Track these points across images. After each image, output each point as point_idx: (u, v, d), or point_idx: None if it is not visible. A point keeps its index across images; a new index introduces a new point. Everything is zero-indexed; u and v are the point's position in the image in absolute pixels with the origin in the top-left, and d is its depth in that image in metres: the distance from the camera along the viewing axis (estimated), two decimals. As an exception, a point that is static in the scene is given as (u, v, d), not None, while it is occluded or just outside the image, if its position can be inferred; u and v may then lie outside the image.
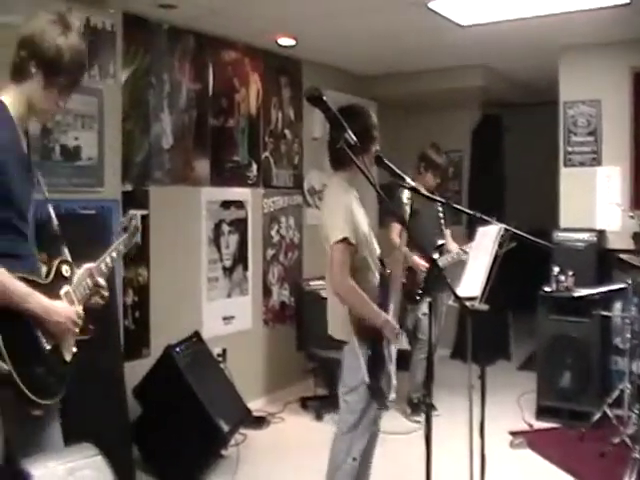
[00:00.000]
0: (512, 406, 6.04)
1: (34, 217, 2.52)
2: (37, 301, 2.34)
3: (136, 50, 5.06)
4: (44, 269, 2.53)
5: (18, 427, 2.35)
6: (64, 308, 2.45)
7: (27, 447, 2.37)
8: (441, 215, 5.97)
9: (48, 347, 2.39)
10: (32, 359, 2.33)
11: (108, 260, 2.76)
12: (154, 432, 4.68)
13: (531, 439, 5.31)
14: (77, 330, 2.49)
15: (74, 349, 2.53)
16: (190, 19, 5.26)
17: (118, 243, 2.87)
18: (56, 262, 2.54)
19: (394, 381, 3.52)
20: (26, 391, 2.25)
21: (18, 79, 2.45)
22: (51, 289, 2.44)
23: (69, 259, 2.60)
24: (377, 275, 3.53)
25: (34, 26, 2.44)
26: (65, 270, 2.55)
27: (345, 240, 3.32)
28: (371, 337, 3.39)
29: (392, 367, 3.52)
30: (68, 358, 2.50)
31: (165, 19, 5.24)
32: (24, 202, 2.43)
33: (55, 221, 2.61)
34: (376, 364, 3.38)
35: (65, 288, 2.52)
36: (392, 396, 3.48)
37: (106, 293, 2.72)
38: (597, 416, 5.25)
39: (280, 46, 6.18)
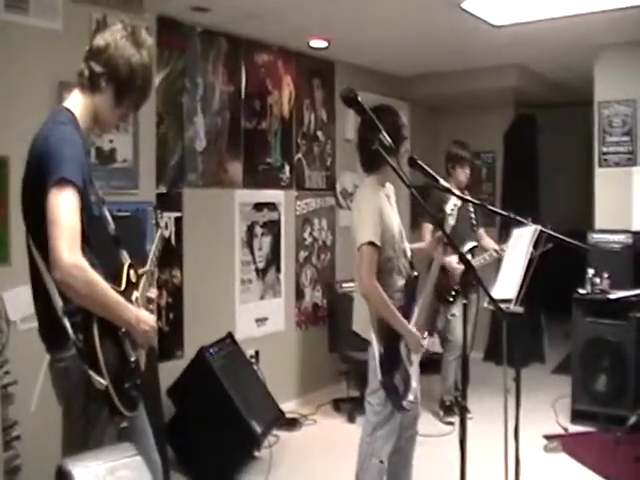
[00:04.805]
0: (546, 410, 5.99)
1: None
2: (131, 310, 2.29)
3: (170, 53, 5.10)
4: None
5: (109, 440, 2.28)
6: (148, 315, 2.40)
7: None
8: (472, 216, 5.92)
9: (133, 359, 2.35)
10: (122, 372, 2.28)
11: (154, 260, 2.73)
12: (187, 433, 4.72)
13: (566, 443, 5.26)
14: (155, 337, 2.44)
15: (144, 358, 2.48)
16: (223, 22, 5.29)
17: (158, 241, 2.83)
18: (125, 268, 2.46)
19: (414, 384, 3.49)
20: (119, 406, 2.21)
21: (87, 90, 2.39)
22: (126, 297, 2.36)
23: (132, 263, 2.51)
24: (403, 277, 3.52)
25: (107, 39, 2.37)
26: (132, 275, 2.48)
27: (371, 243, 3.34)
28: (389, 336, 3.38)
29: (413, 369, 3.50)
30: (143, 367, 2.46)
31: (199, 22, 5.27)
32: (93, 209, 2.36)
33: (112, 224, 2.52)
34: (390, 362, 3.37)
35: (135, 294, 2.46)
36: (410, 397, 3.44)
37: (154, 296, 2.69)
38: (633, 420, 5.17)
39: (312, 48, 6.19)
